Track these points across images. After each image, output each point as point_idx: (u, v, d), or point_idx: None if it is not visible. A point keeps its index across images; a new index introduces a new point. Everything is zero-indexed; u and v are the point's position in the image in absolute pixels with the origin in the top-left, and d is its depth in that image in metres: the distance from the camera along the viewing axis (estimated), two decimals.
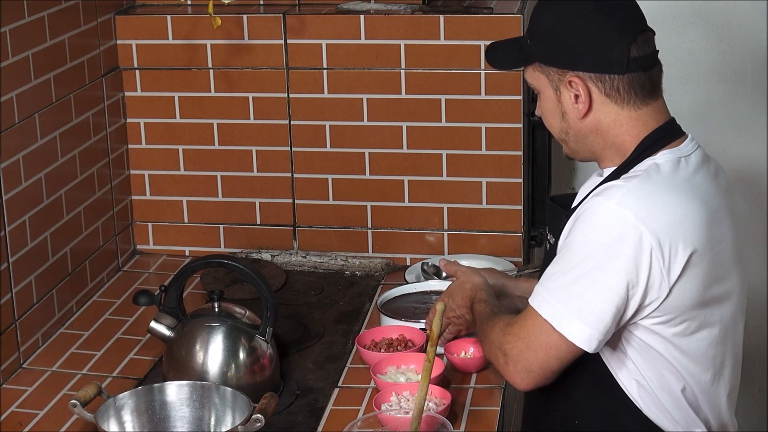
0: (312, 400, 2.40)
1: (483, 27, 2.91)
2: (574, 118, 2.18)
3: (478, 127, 2.97)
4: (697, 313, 2.10)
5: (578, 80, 2.14)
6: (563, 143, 2.25)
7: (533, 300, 2.12)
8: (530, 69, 2.21)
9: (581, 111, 2.16)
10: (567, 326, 2.06)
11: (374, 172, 3.05)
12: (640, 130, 2.16)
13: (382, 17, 2.95)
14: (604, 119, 2.17)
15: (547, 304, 2.08)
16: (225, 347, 2.34)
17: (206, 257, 2.50)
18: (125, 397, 2.18)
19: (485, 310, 2.32)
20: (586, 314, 2.05)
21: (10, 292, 2.53)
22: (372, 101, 3.00)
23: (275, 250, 3.15)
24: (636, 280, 2.04)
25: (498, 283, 2.55)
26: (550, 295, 2.09)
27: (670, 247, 2.04)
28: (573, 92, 2.16)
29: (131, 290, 2.93)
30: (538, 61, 2.19)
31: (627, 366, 2.14)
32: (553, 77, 2.17)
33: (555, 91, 2.18)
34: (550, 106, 2.21)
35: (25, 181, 2.59)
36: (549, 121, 2.24)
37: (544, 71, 2.18)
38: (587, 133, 2.19)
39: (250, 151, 3.09)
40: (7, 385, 2.49)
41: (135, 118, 3.10)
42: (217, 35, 3.00)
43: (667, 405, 2.14)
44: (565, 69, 2.16)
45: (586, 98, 2.15)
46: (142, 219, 3.17)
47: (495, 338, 2.18)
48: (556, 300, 2.07)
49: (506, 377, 2.16)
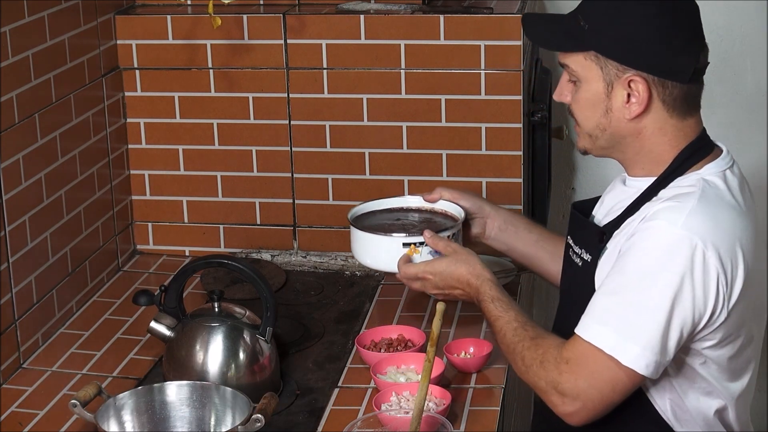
0: (312, 400, 2.40)
1: (483, 27, 2.91)
2: (620, 117, 2.09)
3: (478, 127, 2.97)
4: (741, 332, 2.06)
5: (641, 81, 2.05)
6: (589, 138, 2.15)
7: (592, 335, 2.01)
8: (580, 56, 2.10)
9: (633, 113, 2.07)
10: (637, 362, 1.98)
11: (374, 172, 3.05)
12: (680, 141, 2.10)
13: (382, 17, 2.95)
14: (650, 125, 2.09)
15: (612, 338, 1.98)
16: (225, 347, 2.34)
17: (206, 257, 2.50)
18: (125, 397, 2.18)
19: (508, 322, 2.17)
20: (654, 345, 1.97)
21: (10, 292, 2.53)
22: (372, 101, 3.00)
23: (275, 250, 3.15)
24: (704, 308, 1.98)
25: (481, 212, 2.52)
26: (614, 330, 1.98)
27: (732, 271, 1.99)
28: (627, 91, 2.06)
29: (131, 290, 2.93)
30: (596, 50, 2.07)
31: (663, 386, 2.08)
32: (609, 71, 2.07)
33: (607, 85, 2.08)
34: (594, 99, 2.10)
35: (25, 181, 2.59)
36: (584, 114, 2.13)
37: (600, 62, 2.08)
38: (626, 135, 2.11)
39: (250, 151, 3.09)
40: (7, 385, 2.49)
41: (135, 118, 3.10)
42: (217, 35, 3.00)
43: (702, 426, 2.09)
44: (627, 66, 2.05)
45: (644, 101, 2.06)
46: (142, 219, 3.17)
47: (544, 374, 2.06)
48: (622, 335, 1.98)
49: (560, 414, 2.06)
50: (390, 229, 2.54)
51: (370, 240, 2.50)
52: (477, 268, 2.31)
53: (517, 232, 2.54)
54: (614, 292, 2.02)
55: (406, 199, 2.66)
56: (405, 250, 2.44)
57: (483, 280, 2.29)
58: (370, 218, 2.62)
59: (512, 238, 2.55)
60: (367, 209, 2.65)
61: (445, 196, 2.58)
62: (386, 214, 2.63)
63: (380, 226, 2.57)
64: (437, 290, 2.38)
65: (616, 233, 2.11)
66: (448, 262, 2.35)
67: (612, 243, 2.11)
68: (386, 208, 2.65)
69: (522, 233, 2.54)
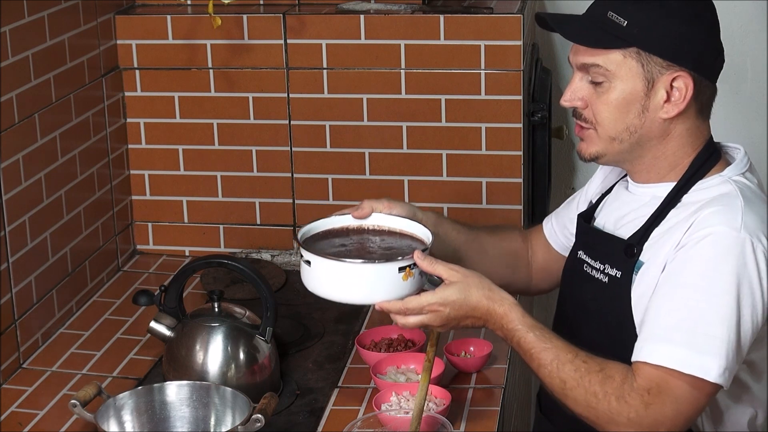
0: (312, 400, 2.40)
1: (483, 27, 2.91)
2: (654, 118, 2.02)
3: (478, 127, 2.97)
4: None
5: (689, 79, 1.99)
6: (611, 142, 2.06)
7: (664, 358, 1.92)
8: (617, 53, 2.01)
9: (671, 112, 2.01)
10: (715, 374, 1.90)
11: (374, 172, 3.05)
12: (697, 145, 2.06)
13: (382, 17, 2.95)
14: (680, 126, 2.04)
15: (687, 356, 1.90)
16: (225, 347, 2.34)
17: (206, 257, 2.50)
18: (125, 397, 2.17)
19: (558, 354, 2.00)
20: (728, 354, 1.91)
21: (10, 292, 2.53)
22: (372, 101, 3.00)
23: (275, 250, 3.15)
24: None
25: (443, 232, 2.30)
26: (687, 347, 1.91)
27: None
28: (667, 90, 2.00)
29: (131, 290, 2.93)
30: (640, 46, 1.99)
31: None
32: (652, 68, 1.99)
33: (647, 83, 2.00)
34: (629, 99, 2.01)
35: (25, 181, 2.59)
36: (614, 115, 2.03)
37: (642, 59, 1.99)
38: (653, 137, 2.04)
39: (250, 151, 3.09)
40: (7, 385, 2.49)
41: (135, 118, 3.10)
42: (217, 35, 3.00)
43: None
44: (672, 63, 1.98)
45: (686, 100, 2.00)
46: (142, 219, 3.17)
47: (627, 409, 1.93)
48: (697, 351, 1.90)
49: None
50: (360, 254, 2.15)
51: (358, 271, 2.06)
52: (495, 292, 2.07)
53: (447, 234, 2.35)
54: (679, 308, 1.93)
55: (339, 219, 2.26)
56: (401, 275, 2.07)
57: (508, 305, 2.06)
58: (321, 244, 2.19)
59: (445, 243, 2.33)
60: (310, 233, 2.22)
61: (378, 209, 2.26)
62: (333, 239, 2.22)
63: (349, 251, 2.16)
64: (446, 323, 2.08)
65: (648, 246, 2.04)
66: (459, 289, 2.06)
67: (646, 256, 2.04)
68: (326, 230, 2.23)
69: (451, 235, 2.36)
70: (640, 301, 2.04)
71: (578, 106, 2.08)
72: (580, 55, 2.07)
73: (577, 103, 2.08)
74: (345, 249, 2.16)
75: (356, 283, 2.06)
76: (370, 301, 2.09)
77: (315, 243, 2.17)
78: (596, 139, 2.09)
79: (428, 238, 2.17)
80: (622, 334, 2.07)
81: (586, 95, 2.07)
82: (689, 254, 1.96)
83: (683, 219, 2.02)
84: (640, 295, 2.05)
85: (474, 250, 2.38)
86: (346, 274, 2.06)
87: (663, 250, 2.01)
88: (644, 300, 2.04)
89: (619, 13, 2.00)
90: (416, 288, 2.09)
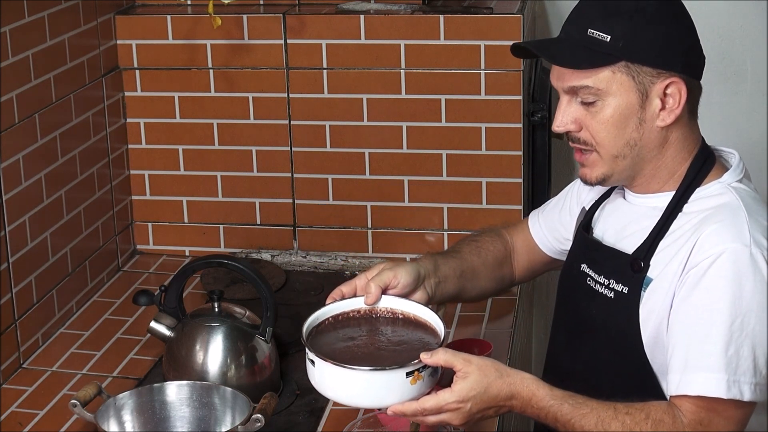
0: (312, 400, 2.40)
1: (483, 27, 2.91)
2: (652, 128, 1.98)
3: (478, 127, 2.97)
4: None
5: (681, 83, 1.96)
6: (614, 160, 2.01)
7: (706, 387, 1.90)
8: (606, 70, 1.95)
9: (668, 119, 1.98)
10: (754, 393, 1.91)
11: (374, 172, 3.05)
12: (691, 150, 2.04)
13: (382, 17, 2.95)
14: (676, 132, 2.01)
15: (727, 382, 1.89)
16: (225, 347, 2.34)
17: (206, 257, 2.50)
18: (125, 397, 2.18)
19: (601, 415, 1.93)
20: (761, 370, 1.92)
21: (10, 292, 2.53)
22: (372, 101, 3.00)
23: (275, 250, 3.15)
24: None
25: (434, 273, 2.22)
26: (725, 372, 1.89)
27: None
28: (661, 98, 1.96)
29: (131, 290, 2.93)
30: (628, 59, 1.94)
31: None
32: (643, 79, 1.95)
33: (641, 95, 1.96)
34: (625, 113, 1.97)
35: (25, 181, 2.59)
36: (612, 133, 1.98)
37: (631, 72, 1.95)
38: (653, 147, 2.01)
39: (250, 151, 3.09)
40: (7, 385, 2.49)
41: (135, 118, 3.10)
42: (217, 35, 3.00)
43: None
44: (663, 70, 1.95)
45: (682, 104, 1.97)
46: (142, 219, 3.17)
47: None
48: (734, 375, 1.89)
49: None
50: (369, 351, 2.02)
51: (364, 377, 1.94)
52: (513, 375, 1.98)
53: (446, 278, 2.27)
54: (708, 335, 1.91)
55: (350, 303, 2.13)
56: (409, 380, 1.95)
57: (533, 385, 1.98)
58: (328, 337, 2.06)
59: (447, 286, 2.28)
60: (317, 321, 2.10)
61: (384, 281, 2.13)
62: (342, 330, 2.09)
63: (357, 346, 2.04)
64: (469, 419, 1.98)
65: (654, 261, 2.02)
66: (476, 381, 1.96)
67: (654, 272, 2.02)
68: (336, 315, 2.12)
69: (450, 278, 2.28)
70: (649, 317, 2.02)
71: (572, 129, 2.03)
72: (567, 78, 2.01)
73: (570, 126, 2.03)
74: (353, 344, 2.04)
75: (363, 390, 1.96)
76: (380, 406, 2.00)
77: (322, 335, 2.07)
78: (599, 161, 2.04)
79: (441, 329, 2.05)
80: (624, 348, 2.06)
81: (579, 117, 2.02)
82: (707, 275, 1.93)
83: (687, 231, 1.99)
84: (649, 311, 2.02)
85: (468, 279, 2.34)
86: (351, 381, 1.95)
87: (671, 267, 1.99)
88: (653, 316, 2.02)
89: (600, 29, 1.95)
90: (428, 387, 1.98)
